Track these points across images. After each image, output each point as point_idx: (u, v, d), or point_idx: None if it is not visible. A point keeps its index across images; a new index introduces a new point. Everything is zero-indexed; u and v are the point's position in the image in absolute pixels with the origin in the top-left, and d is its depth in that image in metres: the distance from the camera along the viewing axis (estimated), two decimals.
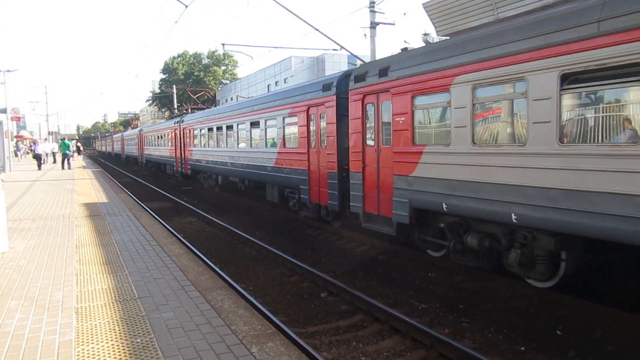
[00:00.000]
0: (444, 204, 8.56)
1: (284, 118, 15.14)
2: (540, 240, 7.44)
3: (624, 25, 5.71)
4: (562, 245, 7.23)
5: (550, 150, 6.66)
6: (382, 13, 21.81)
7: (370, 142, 10.88)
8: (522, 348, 6.28)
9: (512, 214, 7.24)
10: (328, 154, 12.70)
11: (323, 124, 12.97)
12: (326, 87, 12.77)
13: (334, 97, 12.29)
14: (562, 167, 6.54)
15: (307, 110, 13.67)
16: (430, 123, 9.29)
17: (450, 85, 8.27)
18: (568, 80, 6.43)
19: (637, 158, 5.71)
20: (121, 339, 4.93)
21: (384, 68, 10.20)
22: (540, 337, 6.51)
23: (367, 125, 10.95)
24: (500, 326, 6.94)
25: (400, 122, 9.60)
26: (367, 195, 11.01)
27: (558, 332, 6.66)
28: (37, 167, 35.40)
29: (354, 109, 11.30)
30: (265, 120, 16.59)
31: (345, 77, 12.22)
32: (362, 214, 11.18)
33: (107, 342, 4.84)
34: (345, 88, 11.74)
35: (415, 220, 9.51)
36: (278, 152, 15.61)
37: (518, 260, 7.75)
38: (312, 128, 13.58)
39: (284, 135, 15.23)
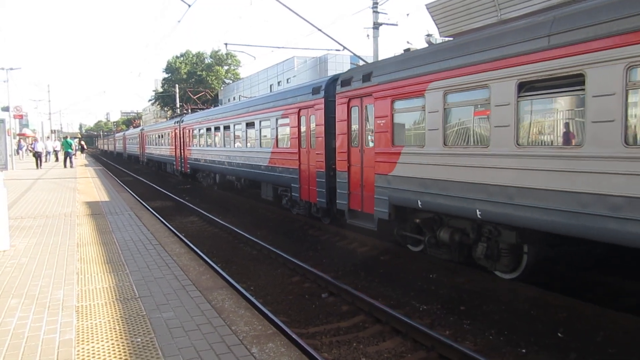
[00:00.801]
0: (418, 201, 9.21)
1: (277, 119, 15.66)
2: (503, 234, 8.08)
3: (569, 40, 6.39)
4: (523, 238, 7.86)
5: (508, 151, 7.33)
6: (385, 14, 21.91)
7: (355, 143, 11.56)
8: (524, 350, 6.26)
9: (477, 210, 7.91)
10: (317, 153, 13.19)
11: (312, 125, 13.48)
12: (315, 91, 13.30)
13: (323, 100, 12.86)
14: (518, 167, 7.19)
15: (298, 112, 14.17)
16: (407, 126, 9.96)
17: (424, 91, 8.91)
18: (524, 88, 7.08)
19: (580, 159, 6.37)
20: (121, 338, 4.92)
21: (367, 74, 10.83)
22: (542, 339, 6.49)
23: (352, 127, 11.62)
24: (502, 328, 6.91)
25: (381, 124, 10.25)
26: (352, 193, 11.67)
27: (559, 334, 6.63)
28: (35, 166, 33.78)
29: (340, 112, 11.98)
30: (260, 121, 17.14)
31: (333, 81, 12.81)
32: (347, 211, 11.85)
33: (108, 342, 4.83)
34: (333, 91, 12.37)
35: (395, 216, 10.16)
36: (271, 152, 16.10)
37: (485, 253, 8.42)
38: (302, 129, 14.09)
39: (277, 136, 15.75)
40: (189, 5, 16.94)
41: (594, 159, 6.18)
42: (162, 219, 14.60)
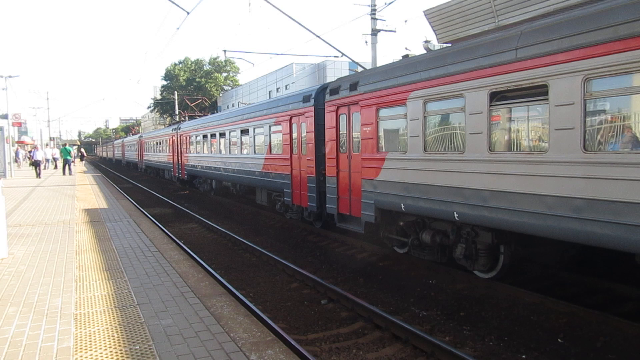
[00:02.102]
0: (402, 204, 9.57)
1: (270, 126, 16.05)
2: (480, 235, 8.45)
3: (534, 53, 6.80)
4: (499, 239, 8.24)
5: (482, 157, 7.73)
6: (383, 20, 21.89)
7: (343, 149, 11.92)
8: (524, 356, 6.24)
9: (454, 212, 8.30)
10: (307, 159, 13.55)
11: (303, 132, 13.85)
12: (306, 99, 13.68)
13: (312, 108, 13.24)
14: (490, 172, 7.60)
15: (290, 120, 14.55)
16: (391, 133, 10.31)
17: (406, 99, 9.31)
18: (495, 97, 7.49)
19: (545, 164, 6.76)
20: (120, 345, 4.90)
21: (354, 83, 11.20)
22: (542, 346, 6.47)
23: (341, 133, 11.97)
24: (502, 334, 6.90)
25: (367, 131, 10.63)
26: (340, 197, 12.03)
27: (559, 340, 6.62)
28: (35, 175, 31.57)
29: (329, 119, 12.33)
30: (254, 128, 17.53)
31: (322, 89, 13.18)
32: (336, 215, 12.19)
33: (106, 349, 4.81)
34: (323, 100, 12.74)
35: (381, 219, 10.52)
36: (265, 158, 16.46)
37: (463, 253, 8.77)
38: (294, 136, 14.47)
39: (270, 142, 16.14)
40: (188, 13, 16.97)
41: (557, 164, 6.61)
42: (161, 226, 14.58)
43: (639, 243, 5.72)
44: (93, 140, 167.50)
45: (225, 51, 24.76)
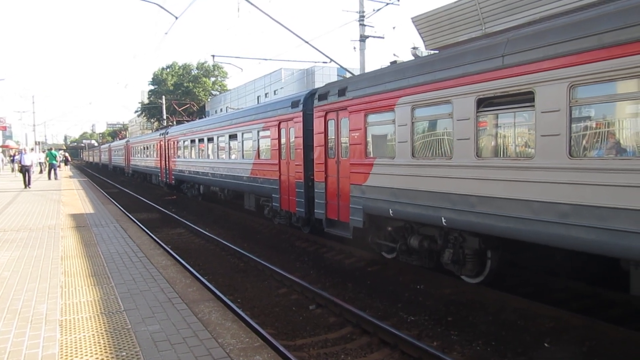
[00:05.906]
0: (390, 209, 9.59)
1: (258, 131, 16.09)
2: (468, 240, 8.51)
3: (520, 60, 6.88)
4: (486, 244, 8.31)
5: (469, 162, 7.80)
6: (371, 27, 21.99)
7: (331, 155, 12.01)
8: None
9: (442, 218, 8.34)
10: (296, 165, 13.63)
11: (292, 137, 13.91)
12: (294, 104, 13.76)
13: (301, 113, 13.30)
14: (477, 177, 7.65)
15: (278, 125, 14.59)
16: (379, 138, 10.37)
17: (395, 105, 9.36)
18: (483, 104, 7.55)
19: (531, 170, 6.84)
20: (106, 352, 4.84)
21: (342, 88, 11.30)
22: (529, 350, 6.52)
23: (329, 139, 12.05)
24: (489, 339, 6.93)
25: (356, 137, 10.70)
26: (329, 202, 12.05)
27: (546, 344, 6.67)
28: (22, 184, 26.42)
29: (317, 125, 12.41)
30: (242, 133, 17.57)
31: (311, 95, 13.28)
32: (324, 220, 12.22)
33: (92, 356, 4.76)
34: (311, 105, 12.82)
35: (369, 224, 10.54)
36: (253, 163, 16.49)
37: (451, 258, 8.78)
38: (282, 141, 14.51)
39: (258, 147, 16.18)
40: (176, 17, 16.97)
41: (543, 170, 6.69)
42: (148, 231, 14.46)
43: (623, 248, 5.81)
44: (82, 144, 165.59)
45: (213, 56, 24.60)
